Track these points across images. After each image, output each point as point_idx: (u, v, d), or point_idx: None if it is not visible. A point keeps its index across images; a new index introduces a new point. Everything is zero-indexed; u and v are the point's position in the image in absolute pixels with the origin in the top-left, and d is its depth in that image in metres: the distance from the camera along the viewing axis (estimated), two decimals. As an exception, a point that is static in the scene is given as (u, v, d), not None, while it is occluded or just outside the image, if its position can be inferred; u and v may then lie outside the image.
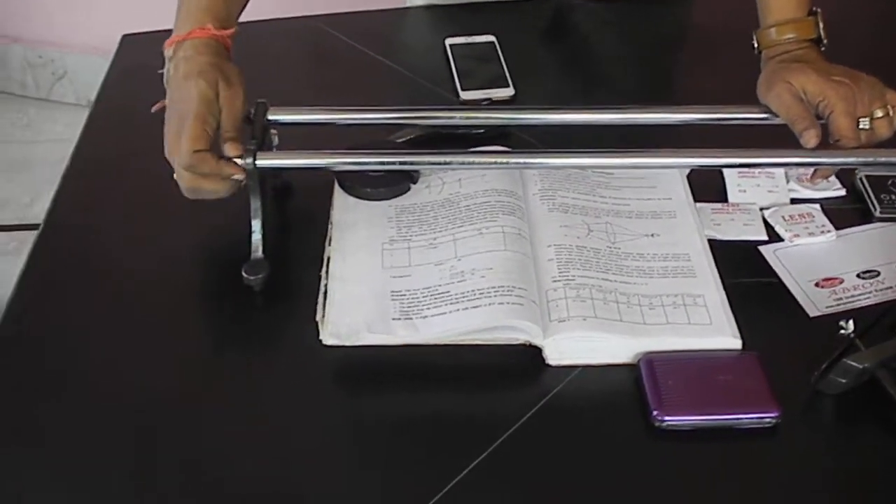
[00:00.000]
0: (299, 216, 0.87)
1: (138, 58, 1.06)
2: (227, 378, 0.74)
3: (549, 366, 0.74)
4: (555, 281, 0.77)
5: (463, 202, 0.83)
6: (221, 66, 0.79)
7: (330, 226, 0.83)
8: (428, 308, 0.75)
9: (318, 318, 0.75)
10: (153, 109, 0.81)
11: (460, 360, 0.74)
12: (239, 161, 0.77)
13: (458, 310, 0.74)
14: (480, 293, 0.75)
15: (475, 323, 0.73)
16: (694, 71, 1.09)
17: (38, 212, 1.93)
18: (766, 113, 0.83)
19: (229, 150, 0.78)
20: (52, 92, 2.23)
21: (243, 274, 0.78)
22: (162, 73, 0.82)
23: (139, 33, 1.10)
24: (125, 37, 1.11)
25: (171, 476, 0.67)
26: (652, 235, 0.83)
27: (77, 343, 0.76)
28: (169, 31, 0.82)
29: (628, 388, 0.73)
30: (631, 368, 0.74)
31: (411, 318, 0.74)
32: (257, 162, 0.77)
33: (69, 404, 0.71)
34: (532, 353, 0.74)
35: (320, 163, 0.80)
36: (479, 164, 0.82)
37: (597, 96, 1.03)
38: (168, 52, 0.81)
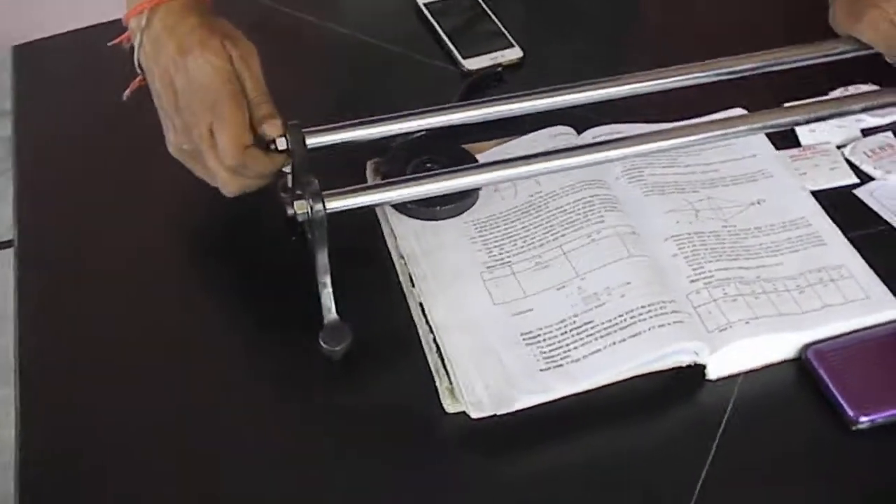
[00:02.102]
0: (344, 252, 0.71)
1: (42, 65, 0.85)
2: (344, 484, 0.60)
3: (707, 380, 0.64)
4: (693, 281, 0.66)
5: (551, 203, 0.70)
6: (217, 26, 0.64)
7: (401, 261, 0.68)
8: (575, 347, 0.62)
9: (443, 386, 0.62)
10: (126, 94, 0.66)
11: (611, 398, 0.63)
12: (301, 209, 0.61)
13: (613, 343, 0.62)
14: (631, 317, 0.63)
15: (642, 354, 0.62)
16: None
17: None
18: (849, 46, 0.75)
19: (269, 129, 0.63)
20: None
21: (322, 344, 0.63)
22: (126, 47, 0.66)
23: (31, 42, 0.88)
24: (17, 48, 0.88)
25: None
26: (758, 203, 0.73)
27: (115, 430, 0.60)
28: (60, 35, 0.68)
29: (801, 386, 0.64)
30: (792, 363, 0.66)
31: (562, 365, 0.62)
32: (327, 205, 0.61)
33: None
34: (679, 370, 0.64)
35: (400, 196, 0.64)
36: (569, 166, 0.68)
37: (623, 48, 0.90)
38: (135, 22, 0.64)
